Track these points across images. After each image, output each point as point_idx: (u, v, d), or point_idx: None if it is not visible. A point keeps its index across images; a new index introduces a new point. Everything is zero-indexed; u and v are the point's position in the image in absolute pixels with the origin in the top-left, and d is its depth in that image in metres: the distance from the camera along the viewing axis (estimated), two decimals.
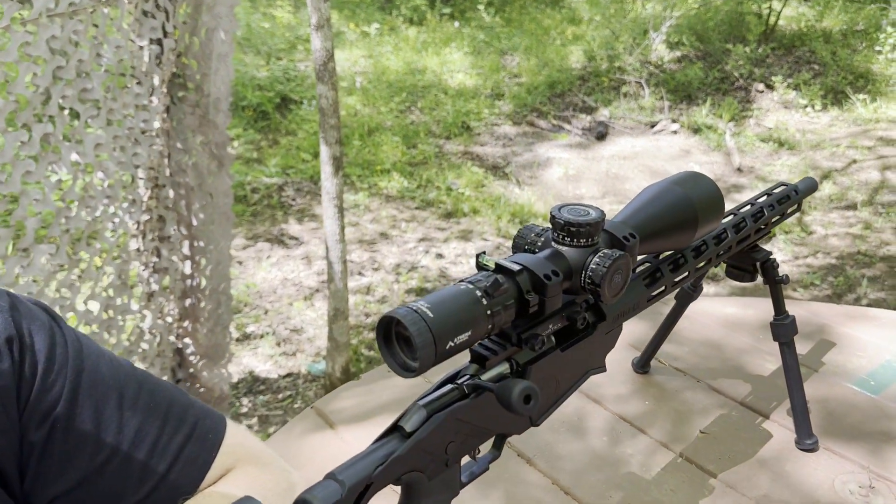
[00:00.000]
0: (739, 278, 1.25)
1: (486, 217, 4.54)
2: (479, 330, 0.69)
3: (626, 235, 0.85)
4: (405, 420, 0.71)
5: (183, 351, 2.64)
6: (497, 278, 0.71)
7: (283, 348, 3.36)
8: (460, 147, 5.63)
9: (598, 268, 0.78)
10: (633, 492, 1.15)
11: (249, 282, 3.80)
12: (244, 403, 3.06)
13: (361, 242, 4.23)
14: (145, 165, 2.30)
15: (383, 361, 0.73)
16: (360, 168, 5.08)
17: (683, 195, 0.94)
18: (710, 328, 1.62)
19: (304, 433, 1.33)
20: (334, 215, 2.54)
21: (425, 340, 0.64)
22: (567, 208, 0.82)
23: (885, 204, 4.86)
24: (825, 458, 1.22)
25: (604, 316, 0.88)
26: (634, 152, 5.65)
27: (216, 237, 2.49)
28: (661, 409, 1.35)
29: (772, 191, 1.24)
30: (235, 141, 5.31)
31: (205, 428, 0.83)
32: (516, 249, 0.86)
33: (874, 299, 3.84)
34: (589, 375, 0.89)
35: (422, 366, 0.66)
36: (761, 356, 1.50)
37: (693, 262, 1.06)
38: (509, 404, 0.69)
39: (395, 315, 0.65)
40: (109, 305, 2.25)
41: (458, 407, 0.72)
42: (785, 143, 5.78)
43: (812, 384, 1.41)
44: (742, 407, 1.35)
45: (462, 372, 0.77)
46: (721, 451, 1.24)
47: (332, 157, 2.45)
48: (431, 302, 0.67)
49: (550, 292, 0.75)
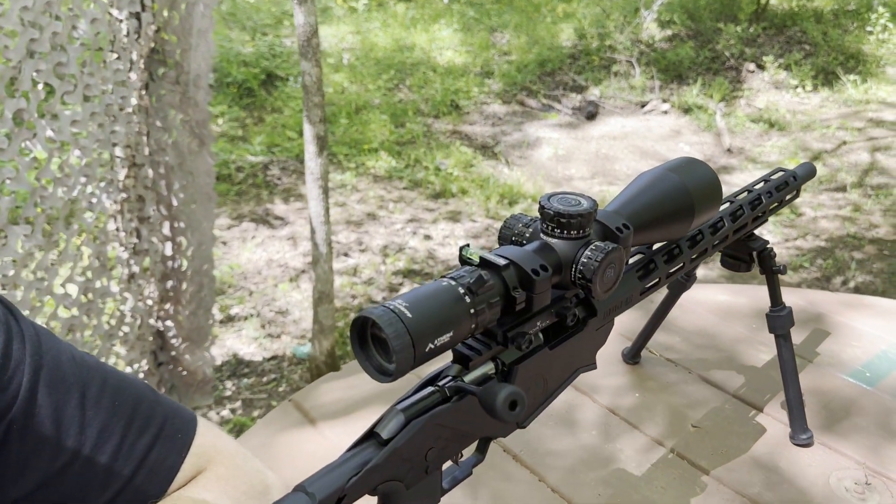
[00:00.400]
0: (735, 268, 1.21)
1: (474, 198, 4.49)
2: (461, 330, 0.65)
3: (620, 226, 0.81)
4: (381, 426, 0.67)
5: (164, 334, 2.59)
6: (481, 274, 0.67)
7: (267, 330, 3.31)
8: (449, 126, 5.56)
9: (589, 262, 0.74)
10: (623, 489, 1.12)
11: (234, 262, 3.74)
12: (228, 387, 3.02)
13: (348, 223, 4.17)
14: (123, 143, 2.23)
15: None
16: (348, 147, 5.01)
17: (679, 183, 0.89)
18: (701, 317, 1.58)
19: (282, 429, 1.28)
20: (319, 196, 2.49)
21: (403, 343, 0.60)
22: (557, 198, 0.77)
23: (875, 186, 4.84)
24: (820, 453, 1.19)
25: (595, 311, 0.84)
26: (624, 132, 5.60)
27: (198, 218, 2.43)
28: (651, 401, 1.32)
29: (769, 177, 1.19)
30: (220, 118, 5.22)
31: (174, 427, 0.79)
32: (503, 241, 0.81)
33: (862, 282, 3.83)
34: (579, 374, 0.85)
35: (399, 370, 0.61)
36: (754, 346, 1.47)
37: (688, 253, 1.02)
38: (493, 411, 0.64)
39: (370, 315, 0.61)
40: (88, 288, 2.20)
41: (439, 411, 0.68)
42: (775, 124, 5.75)
43: (806, 375, 1.37)
44: (735, 399, 1.32)
45: (443, 373, 0.72)
46: (713, 446, 1.21)
47: (316, 137, 2.39)
48: (410, 300, 0.62)
49: (539, 288, 0.71)
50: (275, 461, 1.17)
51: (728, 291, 1.68)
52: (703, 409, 1.29)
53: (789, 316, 1.19)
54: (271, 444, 1.24)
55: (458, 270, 0.69)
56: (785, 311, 1.19)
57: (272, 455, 1.19)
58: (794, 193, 1.20)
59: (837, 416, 1.28)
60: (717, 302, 1.63)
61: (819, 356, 1.44)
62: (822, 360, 1.43)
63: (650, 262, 0.97)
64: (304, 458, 1.19)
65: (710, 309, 1.61)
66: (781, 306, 1.20)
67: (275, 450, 1.22)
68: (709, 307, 1.62)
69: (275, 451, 1.21)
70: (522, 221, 0.80)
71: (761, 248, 1.18)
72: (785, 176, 1.19)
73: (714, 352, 1.46)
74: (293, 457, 1.21)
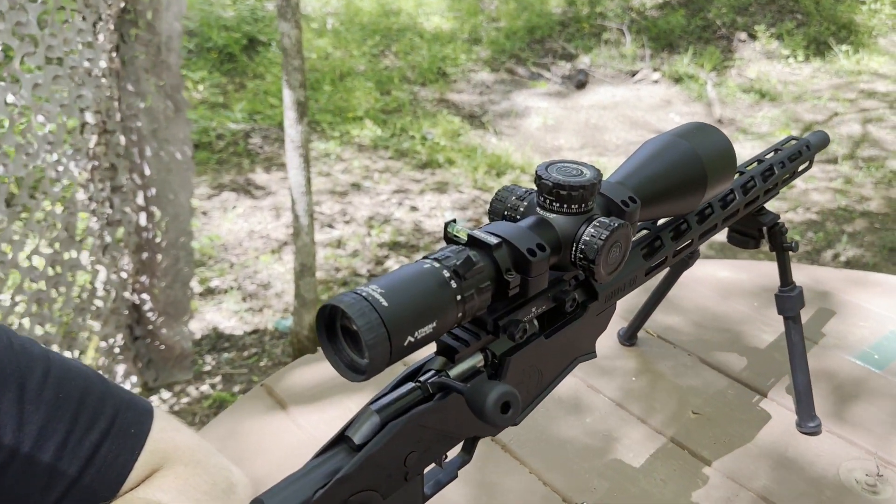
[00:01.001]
0: (743, 244, 1.13)
1: (462, 168, 4.39)
2: (446, 319, 0.56)
3: (626, 199, 0.72)
4: (353, 429, 0.58)
5: (140, 307, 2.50)
6: (469, 255, 0.58)
7: (249, 304, 3.22)
8: (436, 94, 5.43)
9: (592, 240, 0.65)
10: (620, 482, 1.04)
11: (214, 234, 3.63)
12: (207, 361, 2.93)
13: (333, 193, 4.06)
14: (93, 109, 2.11)
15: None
16: (332, 115, 4.88)
17: (690, 151, 0.80)
18: (701, 295, 1.50)
19: (252, 416, 1.18)
20: (300, 165, 2.38)
21: (377, 337, 0.51)
22: (556, 167, 0.68)
23: (866, 158, 4.78)
24: (829, 442, 1.12)
25: (596, 294, 0.75)
26: (614, 102, 5.50)
27: (174, 188, 2.32)
28: (649, 386, 1.24)
29: (781, 146, 1.11)
30: (200, 85, 5.07)
31: (126, 422, 0.71)
32: (494, 215, 0.72)
33: (854, 256, 3.78)
34: (577, 363, 0.76)
35: (373, 367, 0.52)
36: (758, 326, 1.39)
37: (697, 229, 0.94)
38: (483, 413, 0.56)
39: (338, 304, 0.52)
40: (56, 261, 2.09)
41: (420, 411, 0.59)
42: (766, 95, 5.66)
43: (812, 358, 1.29)
44: (738, 384, 1.25)
45: (425, 367, 0.64)
46: (716, 434, 1.13)
47: (296, 102, 2.27)
48: (386, 286, 0.53)
49: (535, 270, 0.62)
50: (242, 452, 1.09)
51: (729, 267, 1.60)
52: (704, 394, 1.22)
53: (800, 297, 1.11)
54: (239, 432, 1.15)
55: (442, 250, 0.60)
56: (795, 291, 1.11)
57: (240, 445, 1.11)
58: (807, 164, 1.12)
59: (846, 401, 1.21)
60: (718, 279, 1.55)
61: (824, 337, 1.37)
62: (828, 341, 1.36)
63: (656, 239, 0.88)
64: (275, 448, 1.11)
65: (711, 286, 1.53)
66: (792, 286, 1.12)
67: (244, 439, 1.13)
68: (709, 284, 1.54)
69: (244, 440, 1.13)
70: (516, 194, 0.71)
71: (772, 224, 1.09)
72: (798, 145, 1.10)
73: (715, 332, 1.38)
74: (263, 447, 1.12)
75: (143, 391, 2.63)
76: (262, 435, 1.15)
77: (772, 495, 1.03)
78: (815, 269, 1.63)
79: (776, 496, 1.02)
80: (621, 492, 1.02)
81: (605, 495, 1.02)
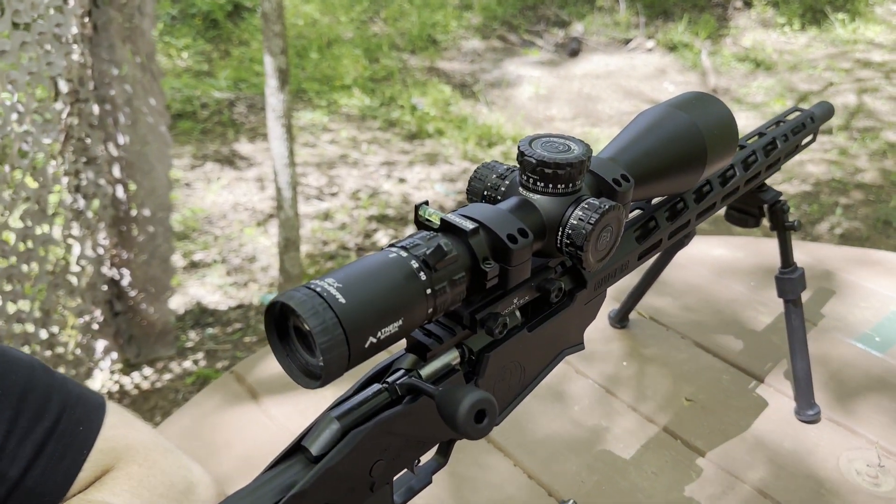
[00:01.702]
0: (742, 223, 1.07)
1: (451, 139, 4.30)
2: (414, 316, 0.50)
3: (618, 178, 0.65)
4: (311, 438, 0.52)
5: (119, 283, 2.43)
6: (440, 244, 0.51)
7: (233, 278, 3.15)
8: (426, 62, 5.31)
9: (581, 223, 0.58)
10: (609, 475, 0.99)
11: (197, 207, 3.55)
12: (191, 337, 2.87)
13: (320, 165, 3.97)
14: (64, 77, 2.02)
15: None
16: (319, 83, 4.76)
17: (689, 123, 0.73)
18: (695, 274, 1.44)
19: (220, 406, 1.12)
20: (282, 135, 2.30)
21: (332, 339, 0.45)
22: (540, 142, 0.61)
23: (862, 129, 4.72)
24: (828, 431, 1.07)
25: (584, 282, 0.69)
26: (608, 71, 5.40)
27: (150, 160, 2.23)
28: (641, 371, 1.18)
29: (784, 118, 1.04)
30: (185, 52, 4.94)
31: (74, 418, 0.65)
32: (473, 195, 0.65)
33: (848, 228, 3.74)
34: (564, 356, 0.70)
35: (328, 373, 0.46)
36: (754, 307, 1.33)
37: (695, 208, 0.87)
38: (454, 422, 0.49)
39: (288, 302, 0.45)
40: (27, 235, 2.01)
41: (387, 417, 0.53)
42: (761, 64, 5.58)
43: (810, 341, 1.24)
44: (733, 368, 1.19)
45: (394, 365, 0.57)
46: (710, 423, 1.08)
47: (277, 70, 2.18)
48: (344, 280, 0.47)
49: (516, 259, 0.55)
50: (208, 446, 1.03)
51: (725, 245, 1.54)
52: (699, 379, 1.16)
53: (801, 279, 1.05)
54: (206, 424, 1.08)
55: (412, 237, 0.53)
56: (797, 272, 1.05)
57: (205, 438, 1.04)
58: (811, 137, 1.05)
59: (846, 387, 1.16)
60: (713, 257, 1.49)
61: (823, 319, 1.31)
62: (828, 323, 1.30)
63: (650, 220, 0.82)
64: (243, 442, 1.05)
65: (706, 265, 1.47)
66: (793, 267, 1.06)
67: (209, 432, 1.07)
68: (704, 263, 1.47)
69: (209, 434, 1.06)
70: (497, 171, 0.64)
71: (773, 201, 1.03)
72: (801, 117, 1.03)
73: (710, 314, 1.32)
74: (232, 440, 1.05)
75: (125, 367, 2.58)
76: (230, 427, 1.08)
77: (768, 488, 0.98)
78: (814, 245, 1.57)
79: (773, 489, 0.97)
80: (610, 485, 0.97)
81: (594, 489, 0.96)
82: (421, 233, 0.54)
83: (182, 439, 1.02)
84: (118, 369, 2.57)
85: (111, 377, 2.55)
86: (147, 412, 2.50)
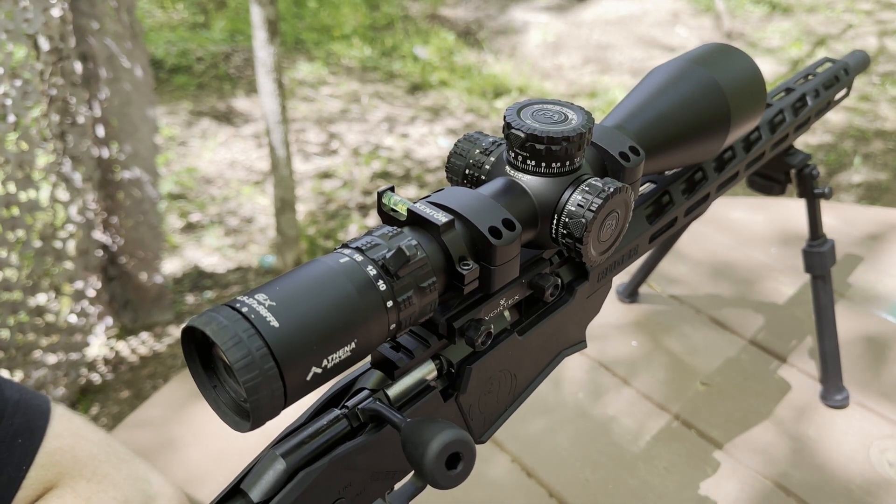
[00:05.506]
0: (766, 190, 0.96)
1: (455, 90, 4.14)
2: (371, 336, 0.40)
3: (625, 151, 0.54)
4: (251, 480, 0.43)
5: (111, 248, 2.34)
6: (401, 246, 0.41)
7: (231, 239, 3.06)
8: (428, 8, 5.12)
9: (580, 210, 0.48)
10: (616, 471, 0.90)
11: (192, 166, 3.44)
12: (188, 301, 2.79)
13: (319, 120, 3.84)
14: (44, 33, 1.90)
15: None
16: (317, 33, 4.60)
17: (709, 81, 0.62)
18: (711, 240, 1.33)
19: (188, 398, 1.03)
20: (273, 91, 2.18)
21: (262, 376, 0.35)
22: (531, 109, 0.50)
23: (882, 74, 4.53)
24: (857, 417, 0.98)
25: (585, 273, 0.59)
26: (619, 16, 5.20)
27: (134, 121, 2.12)
28: (652, 351, 1.09)
29: (814, 70, 0.92)
30: (179, 3, 4.77)
31: (11, 429, 0.57)
32: (453, 175, 0.54)
33: (868, 179, 3.59)
34: (563, 357, 0.60)
35: (258, 416, 0.36)
36: (775, 278, 1.23)
37: (715, 179, 0.76)
38: (421, 468, 0.40)
39: (203, 329, 0.35)
40: (11, 202, 1.92)
41: (345, 451, 0.44)
42: (777, 6, 5.36)
43: (837, 316, 1.14)
44: (753, 347, 1.09)
45: (357, 383, 0.48)
46: (728, 410, 0.98)
47: (265, 21, 2.05)
48: (280, 295, 0.37)
49: (500, 257, 0.45)
50: (175, 442, 0.94)
51: (743, 206, 1.43)
52: (715, 360, 1.07)
53: (831, 252, 0.95)
54: (172, 419, 0.99)
55: (370, 234, 0.43)
56: (826, 245, 0.95)
57: (172, 434, 0.96)
58: (844, 91, 0.93)
59: (876, 367, 1.06)
60: (730, 220, 1.38)
61: (850, 288, 1.21)
62: (855, 293, 1.20)
63: (664, 195, 0.71)
64: (214, 437, 0.96)
65: (722, 229, 1.36)
66: (822, 239, 0.95)
67: (176, 426, 0.98)
68: (720, 227, 1.36)
69: (176, 429, 0.97)
70: (481, 146, 0.53)
71: (802, 165, 0.92)
72: (834, 69, 0.91)
73: (727, 285, 1.22)
74: (201, 437, 0.97)
75: (122, 333, 2.51)
76: (199, 421, 0.99)
77: (791, 483, 0.89)
78: (839, 206, 1.45)
79: (796, 484, 0.89)
80: (618, 484, 0.88)
81: (599, 489, 0.88)
82: (383, 228, 0.44)
83: (147, 435, 0.94)
84: (114, 335, 2.51)
85: (107, 343, 2.49)
86: (146, 378, 2.45)
